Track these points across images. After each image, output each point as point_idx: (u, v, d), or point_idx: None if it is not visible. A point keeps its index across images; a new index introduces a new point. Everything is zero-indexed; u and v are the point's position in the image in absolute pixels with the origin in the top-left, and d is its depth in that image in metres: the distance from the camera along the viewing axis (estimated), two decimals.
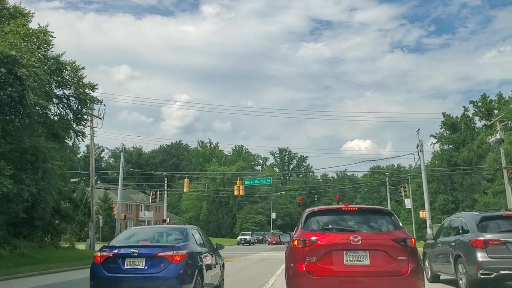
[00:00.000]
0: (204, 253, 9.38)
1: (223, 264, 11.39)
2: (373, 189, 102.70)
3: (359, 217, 6.90)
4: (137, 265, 8.19)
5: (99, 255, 8.54)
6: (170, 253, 8.18)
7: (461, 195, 65.13)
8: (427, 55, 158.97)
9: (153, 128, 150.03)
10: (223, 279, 11.16)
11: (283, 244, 8.32)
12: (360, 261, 6.24)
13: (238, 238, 59.07)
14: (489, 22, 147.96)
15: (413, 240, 6.42)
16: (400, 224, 6.81)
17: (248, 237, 56.79)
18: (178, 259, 8.13)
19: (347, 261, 6.26)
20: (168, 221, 60.68)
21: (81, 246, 34.07)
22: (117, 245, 8.77)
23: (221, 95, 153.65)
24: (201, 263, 8.84)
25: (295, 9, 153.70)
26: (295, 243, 6.58)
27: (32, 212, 22.88)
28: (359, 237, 6.30)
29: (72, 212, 35.22)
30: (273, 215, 78.06)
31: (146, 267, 8.12)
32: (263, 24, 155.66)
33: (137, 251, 8.28)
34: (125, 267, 8.20)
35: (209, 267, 9.45)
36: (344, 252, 6.29)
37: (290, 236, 7.81)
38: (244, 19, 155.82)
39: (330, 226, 6.80)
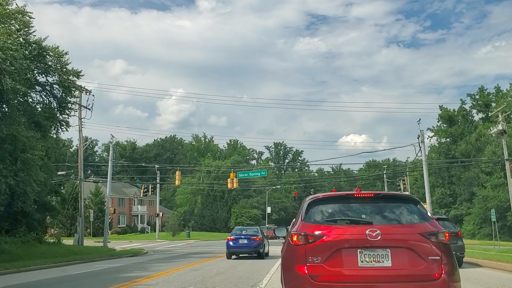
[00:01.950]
0: (264, 238, 22.31)
1: (269, 243, 24.34)
2: (368, 183, 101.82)
3: (376, 205, 5.38)
4: (245, 241, 21.26)
5: (230, 237, 21.51)
6: (255, 237, 21.41)
7: (459, 188, 64.25)
8: (423, 50, 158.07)
9: (149, 123, 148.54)
10: (268, 250, 23.37)
11: (278, 238, 6.94)
12: (379, 262, 4.80)
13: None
14: (485, 17, 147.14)
15: (446, 234, 4.97)
16: (429, 214, 5.34)
17: None
18: (258, 239, 21.26)
19: (362, 262, 4.82)
20: (161, 215, 59.51)
21: (69, 241, 32.70)
22: (235, 234, 21.99)
23: (217, 90, 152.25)
24: (264, 242, 21.79)
25: (291, 4, 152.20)
26: (294, 238, 5.12)
27: (12, 205, 21.53)
28: (378, 231, 4.82)
29: (59, 206, 33.90)
30: (268, 209, 76.91)
31: (247, 243, 21.14)
32: (259, 19, 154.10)
33: (243, 236, 21.49)
34: (239, 242, 21.20)
35: (265, 243, 22.45)
36: (358, 250, 4.84)
37: (287, 230, 6.46)
38: (240, 13, 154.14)
39: (338, 217, 5.28)
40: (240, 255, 21.61)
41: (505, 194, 50.02)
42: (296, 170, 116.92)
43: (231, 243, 21.32)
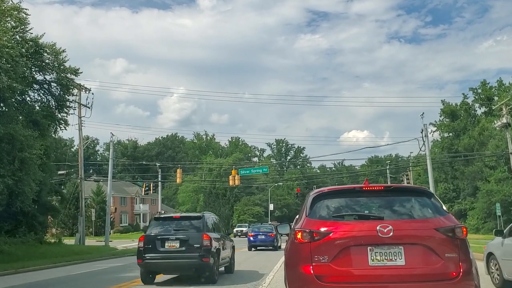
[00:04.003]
0: (277, 234, 24.92)
1: (281, 238, 27.44)
2: (371, 179, 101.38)
3: (386, 199, 4.98)
4: (262, 237, 26.50)
5: (250, 234, 27.28)
6: (271, 233, 26.47)
7: (462, 183, 63.78)
8: (424, 46, 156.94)
9: (150, 121, 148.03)
10: (281, 244, 26.42)
11: (281, 236, 6.54)
12: (391, 260, 4.44)
13: (235, 230, 57.79)
14: (486, 12, 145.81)
15: (464, 229, 4.61)
16: (444, 207, 4.94)
17: (244, 229, 55.33)
18: (273, 235, 26.26)
19: (373, 260, 4.45)
20: (163, 213, 59.23)
21: (71, 241, 32.43)
22: (254, 231, 27.30)
23: (218, 88, 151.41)
24: (277, 237, 26.61)
25: (292, 1, 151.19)
26: (299, 236, 4.75)
27: (11, 205, 21.24)
28: (390, 227, 4.45)
29: (60, 205, 33.62)
30: (271, 207, 76.62)
31: (264, 238, 26.42)
32: (259, 17, 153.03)
33: (261, 233, 26.79)
34: (258, 238, 26.58)
35: (279, 238, 26.98)
36: (369, 248, 4.48)
37: (290, 227, 6.10)
38: (241, 11, 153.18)
39: (346, 212, 4.92)
40: (258, 248, 26.70)
41: (509, 188, 49.65)
42: (298, 166, 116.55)
43: (251, 238, 26.48)
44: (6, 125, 19.55)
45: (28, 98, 24.30)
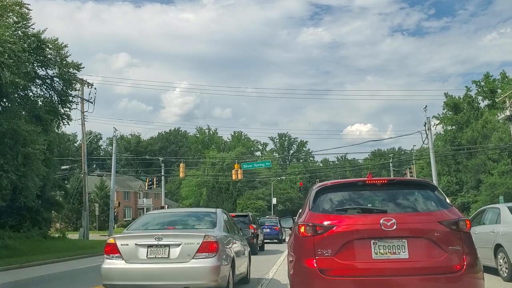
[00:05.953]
0: (282, 227, 24.74)
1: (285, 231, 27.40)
2: (374, 172, 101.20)
3: (390, 192, 4.97)
4: (268, 230, 25.92)
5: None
6: (275, 227, 27.02)
7: (466, 176, 63.68)
8: (427, 39, 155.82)
9: (153, 116, 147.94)
10: (285, 237, 26.17)
11: (285, 230, 6.59)
12: (395, 253, 4.42)
13: None
14: (490, 4, 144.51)
15: (467, 222, 4.60)
16: (447, 200, 4.92)
17: None
18: (278, 228, 26.71)
19: (376, 254, 4.43)
20: (166, 208, 59.37)
21: (75, 235, 32.61)
22: (263, 224, 27.32)
23: (221, 83, 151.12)
24: (282, 230, 26.98)
25: None
26: (302, 230, 4.73)
27: (15, 200, 21.35)
28: (393, 220, 4.43)
29: (64, 200, 33.79)
30: (274, 200, 76.77)
31: (269, 231, 26.23)
32: (262, 10, 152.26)
33: (266, 226, 26.27)
34: (264, 231, 23.08)
35: (283, 231, 27.27)
36: (372, 241, 4.45)
37: (294, 221, 6.11)
38: (243, 5, 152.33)
39: (349, 206, 4.90)
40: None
41: None
42: (301, 160, 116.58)
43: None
44: (9, 120, 19.61)
45: (30, 93, 24.35)
